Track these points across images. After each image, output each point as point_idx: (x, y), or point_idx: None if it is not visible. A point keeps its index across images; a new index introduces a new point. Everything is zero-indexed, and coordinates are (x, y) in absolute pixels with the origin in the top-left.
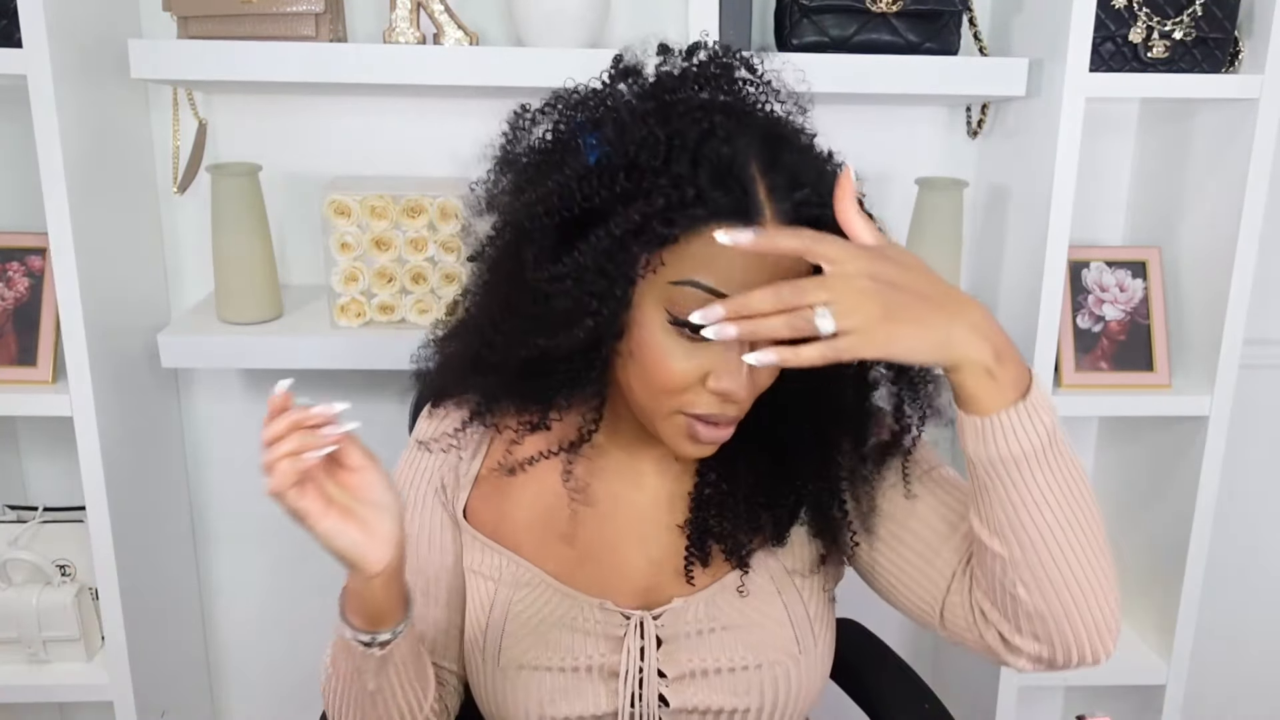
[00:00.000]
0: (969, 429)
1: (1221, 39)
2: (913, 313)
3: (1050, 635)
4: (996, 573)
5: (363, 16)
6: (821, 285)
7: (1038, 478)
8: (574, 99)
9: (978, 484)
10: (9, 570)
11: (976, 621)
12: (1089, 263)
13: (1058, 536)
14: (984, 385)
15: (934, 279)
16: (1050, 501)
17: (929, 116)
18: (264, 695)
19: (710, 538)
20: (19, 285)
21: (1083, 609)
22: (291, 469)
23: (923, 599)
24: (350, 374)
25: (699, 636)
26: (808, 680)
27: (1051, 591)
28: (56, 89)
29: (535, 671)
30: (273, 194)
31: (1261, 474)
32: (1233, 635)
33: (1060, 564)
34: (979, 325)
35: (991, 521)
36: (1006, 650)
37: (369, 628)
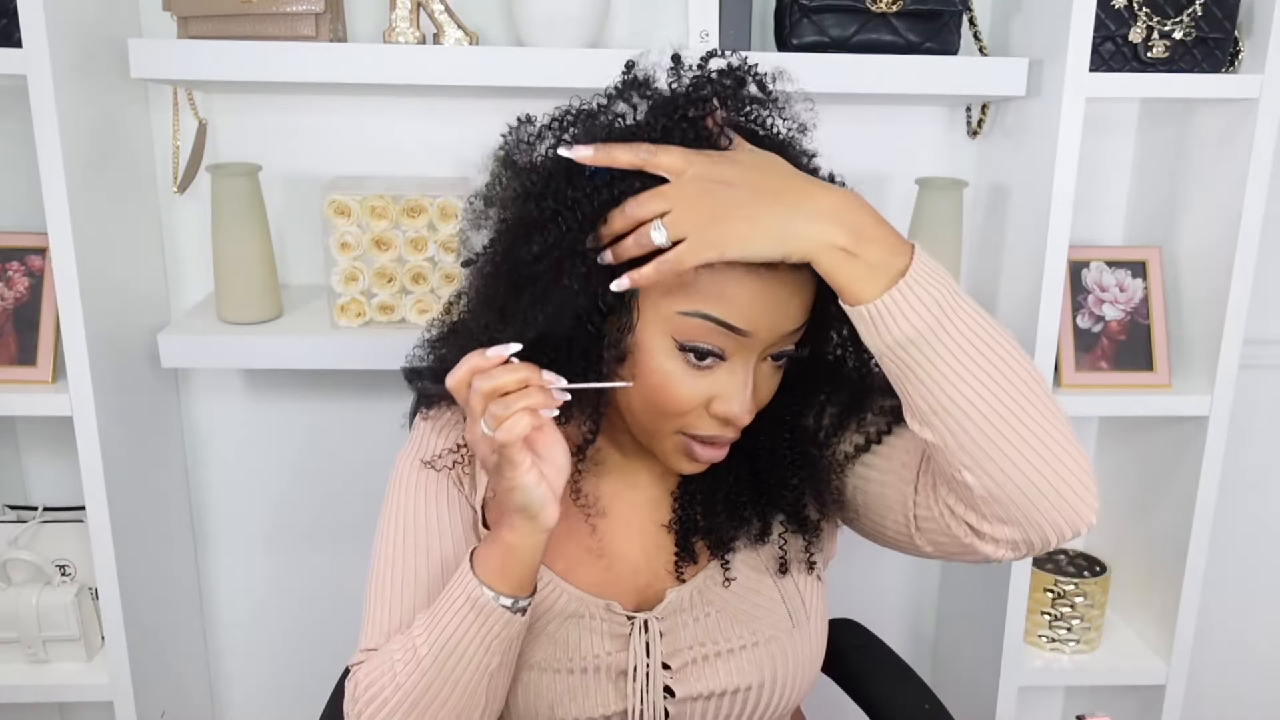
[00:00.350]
0: (857, 322)
1: (1221, 39)
2: (745, 209)
3: (1015, 516)
4: (940, 462)
5: (363, 16)
6: (657, 194)
7: (942, 352)
8: (579, 115)
9: (888, 373)
10: (9, 570)
11: (948, 520)
12: (1089, 263)
13: (984, 410)
14: (847, 269)
15: (779, 173)
16: (964, 374)
17: (929, 116)
18: (264, 695)
19: (695, 534)
20: (19, 285)
21: (1037, 479)
22: (529, 422)
23: (896, 520)
24: (350, 374)
25: (695, 623)
26: (804, 655)
27: (996, 468)
28: (56, 89)
29: (544, 672)
30: (273, 194)
31: (1261, 474)
32: (1233, 635)
33: (996, 436)
34: (826, 210)
35: (916, 410)
36: (981, 541)
37: (515, 592)
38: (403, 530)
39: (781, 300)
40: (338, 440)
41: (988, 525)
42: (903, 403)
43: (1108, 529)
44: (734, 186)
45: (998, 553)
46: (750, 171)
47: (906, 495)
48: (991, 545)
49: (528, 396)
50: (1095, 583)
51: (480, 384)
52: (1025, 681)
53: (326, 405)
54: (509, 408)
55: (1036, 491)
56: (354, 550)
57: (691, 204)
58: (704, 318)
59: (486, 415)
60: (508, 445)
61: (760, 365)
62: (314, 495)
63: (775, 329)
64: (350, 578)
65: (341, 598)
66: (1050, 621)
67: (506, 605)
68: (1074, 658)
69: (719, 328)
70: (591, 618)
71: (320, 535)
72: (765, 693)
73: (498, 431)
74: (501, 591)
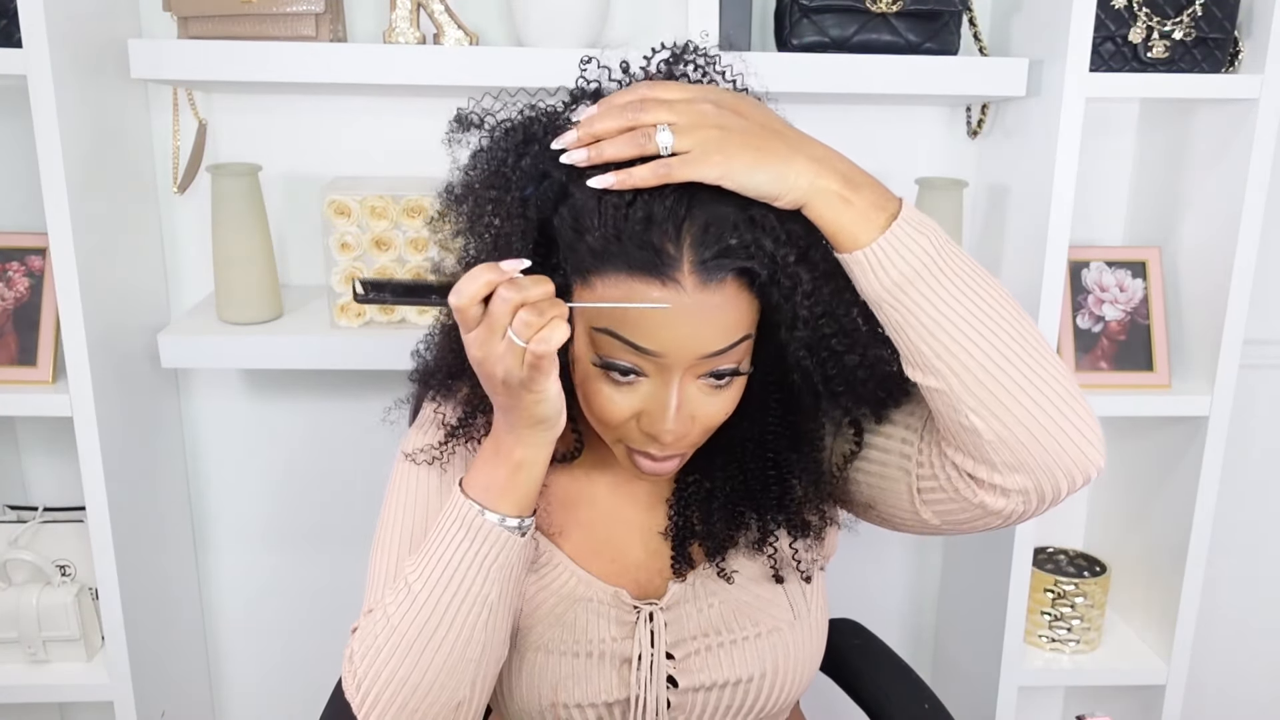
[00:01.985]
0: (854, 268)
1: (1221, 39)
2: (753, 139)
3: (1024, 460)
4: (946, 412)
5: (363, 16)
6: (666, 105)
7: (939, 291)
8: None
9: (888, 324)
10: (9, 570)
11: (955, 481)
12: (1089, 263)
13: (985, 348)
14: (843, 213)
15: (775, 116)
16: (964, 312)
17: (929, 116)
18: (264, 695)
19: (692, 539)
20: (19, 285)
21: (1044, 419)
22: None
23: (900, 497)
24: (350, 374)
25: (699, 614)
26: (806, 647)
27: (1002, 407)
28: (56, 89)
29: (550, 654)
30: (273, 194)
31: (1261, 474)
32: (1233, 635)
33: (1000, 375)
34: (821, 157)
35: (917, 357)
36: (989, 493)
37: (520, 513)
38: (410, 491)
39: (693, 322)
40: (338, 440)
41: (997, 475)
42: (903, 354)
43: (1108, 529)
44: (743, 117)
45: (1008, 505)
46: (754, 108)
47: (908, 469)
48: (1001, 497)
49: (556, 305)
50: (1095, 583)
51: (511, 294)
52: (1025, 681)
53: (326, 405)
54: (544, 314)
55: (1045, 432)
56: (354, 550)
57: (701, 121)
58: (613, 335)
59: (518, 325)
60: (545, 355)
61: (689, 385)
62: (314, 495)
63: (689, 351)
64: (350, 577)
65: (341, 597)
66: (1050, 621)
67: (512, 526)
68: (1074, 658)
69: (628, 347)
70: (600, 603)
71: (320, 535)
72: (766, 684)
73: (533, 342)
74: (502, 511)
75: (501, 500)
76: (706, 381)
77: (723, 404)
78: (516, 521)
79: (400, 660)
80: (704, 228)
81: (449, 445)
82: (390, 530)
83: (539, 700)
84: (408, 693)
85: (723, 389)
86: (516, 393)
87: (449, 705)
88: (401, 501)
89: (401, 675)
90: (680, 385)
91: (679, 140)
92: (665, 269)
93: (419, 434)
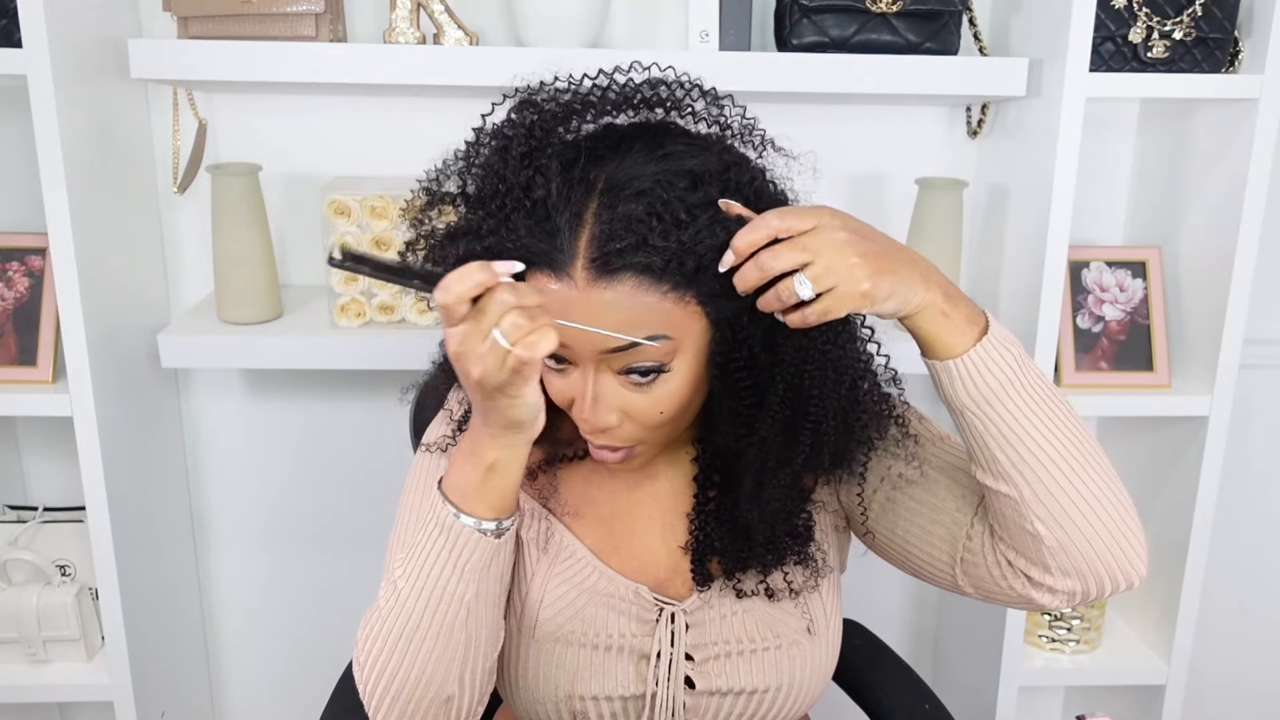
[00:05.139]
0: (943, 376)
1: (1221, 39)
2: (882, 263)
3: (1079, 567)
4: (1011, 516)
5: (363, 16)
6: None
7: (1021, 406)
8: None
9: (968, 430)
10: (9, 570)
11: (1004, 572)
12: (1089, 263)
13: (1058, 461)
14: (943, 326)
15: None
16: (1040, 427)
17: (929, 116)
18: (264, 695)
19: (711, 554)
20: (19, 285)
21: (1103, 532)
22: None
23: (937, 559)
24: (350, 374)
25: (723, 620)
26: (820, 663)
27: (1068, 519)
28: (56, 89)
29: (569, 646)
30: (273, 194)
31: (1261, 474)
32: (1233, 635)
33: (1068, 488)
34: (927, 273)
35: (993, 465)
36: (1038, 591)
37: (496, 515)
38: (424, 481)
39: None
40: (338, 440)
41: (1050, 577)
42: (976, 460)
43: None
44: (869, 240)
45: (1053, 602)
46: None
47: (956, 539)
48: (1049, 596)
49: (548, 313)
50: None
51: (508, 298)
52: (1025, 681)
53: (326, 405)
54: (535, 319)
55: (1101, 543)
56: (354, 549)
57: (837, 254)
58: None
59: (508, 326)
60: (529, 362)
61: (606, 379)
62: (314, 495)
63: (586, 344)
64: (351, 577)
65: (341, 597)
66: (1050, 621)
67: (488, 530)
68: (1074, 658)
69: None
70: (621, 599)
71: (320, 535)
72: (780, 696)
73: (520, 346)
74: (477, 514)
75: (476, 503)
76: (628, 377)
77: (653, 402)
78: (493, 524)
79: (390, 655)
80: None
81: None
82: (404, 519)
83: (555, 691)
84: (399, 686)
85: (648, 385)
86: (492, 394)
87: (438, 700)
88: (417, 490)
89: (392, 669)
90: (595, 378)
91: (819, 281)
92: (558, 263)
93: (440, 425)
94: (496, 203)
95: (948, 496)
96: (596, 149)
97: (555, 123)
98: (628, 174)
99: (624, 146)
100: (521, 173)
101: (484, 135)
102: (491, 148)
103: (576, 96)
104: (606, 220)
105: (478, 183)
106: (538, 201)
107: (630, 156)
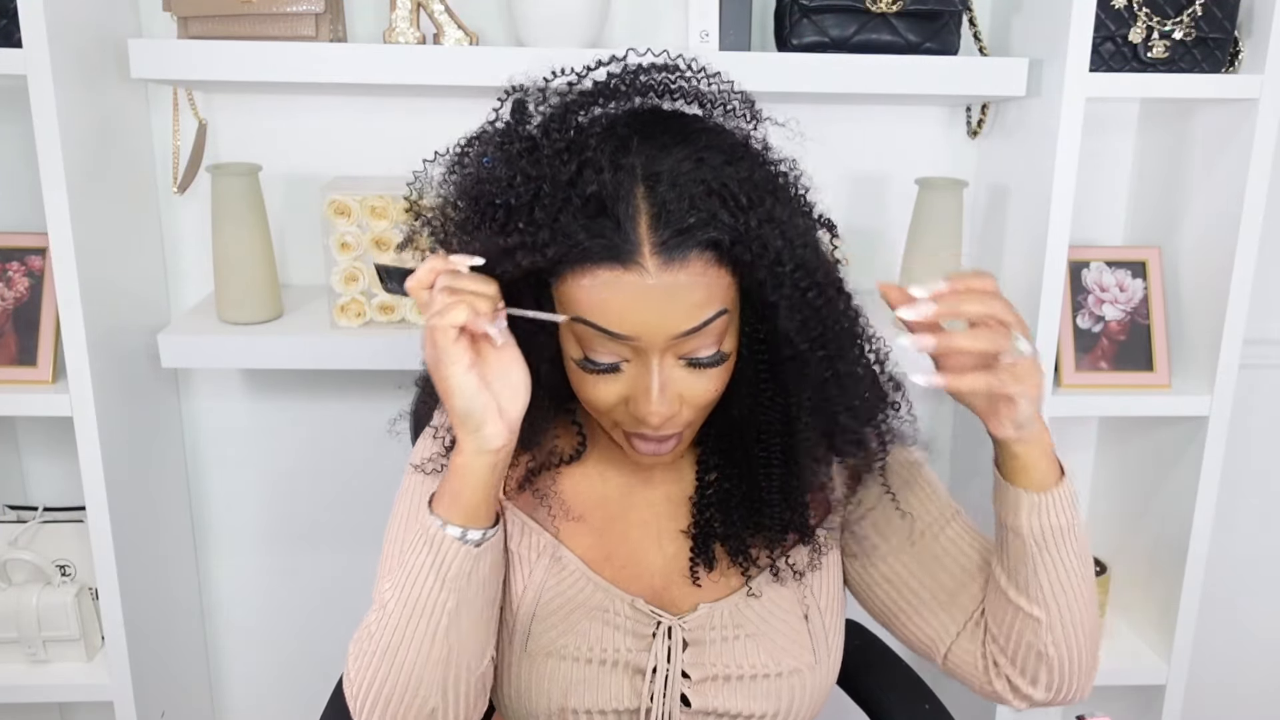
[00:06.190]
0: (1025, 503)
1: (1221, 39)
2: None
3: (1061, 682)
4: (1027, 635)
5: (363, 16)
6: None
7: (1074, 546)
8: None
9: (1023, 554)
10: (9, 570)
11: (988, 670)
12: (1089, 263)
13: (1081, 599)
14: (1043, 462)
15: None
16: (1079, 568)
17: (929, 116)
18: (264, 695)
19: (714, 539)
20: (19, 285)
21: (1086, 656)
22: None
23: (929, 636)
24: (350, 374)
25: (724, 643)
26: (820, 689)
27: (1074, 646)
28: (56, 89)
29: (562, 660)
30: (273, 194)
31: (1261, 474)
32: (1233, 635)
33: (1080, 622)
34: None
35: (1031, 589)
36: (1014, 696)
37: (466, 523)
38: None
39: (661, 304)
40: (338, 440)
41: (1032, 688)
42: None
43: (1108, 529)
44: None
45: (1019, 706)
46: None
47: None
48: (1022, 701)
49: (476, 296)
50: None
51: (444, 280)
52: None
53: (326, 405)
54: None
55: (1081, 663)
56: (354, 549)
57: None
58: (587, 324)
59: (435, 302)
60: (439, 330)
61: (670, 365)
62: (314, 495)
63: (661, 332)
64: (350, 577)
65: (341, 597)
66: None
67: (455, 536)
68: None
69: (603, 334)
70: (616, 613)
71: (320, 535)
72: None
73: (432, 316)
74: (452, 521)
75: (450, 510)
76: (687, 365)
77: (711, 383)
78: (459, 531)
79: (376, 667)
80: (660, 207)
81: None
82: (389, 546)
83: (549, 704)
84: (385, 698)
85: (708, 367)
86: (434, 375)
87: (423, 712)
88: (404, 512)
89: (379, 681)
90: (661, 366)
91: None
92: (625, 254)
93: (426, 443)
94: (540, 206)
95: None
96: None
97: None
98: (665, 157)
99: (648, 131)
100: (564, 169)
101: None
102: (513, 151)
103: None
104: (662, 203)
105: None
106: (590, 197)
107: (658, 139)
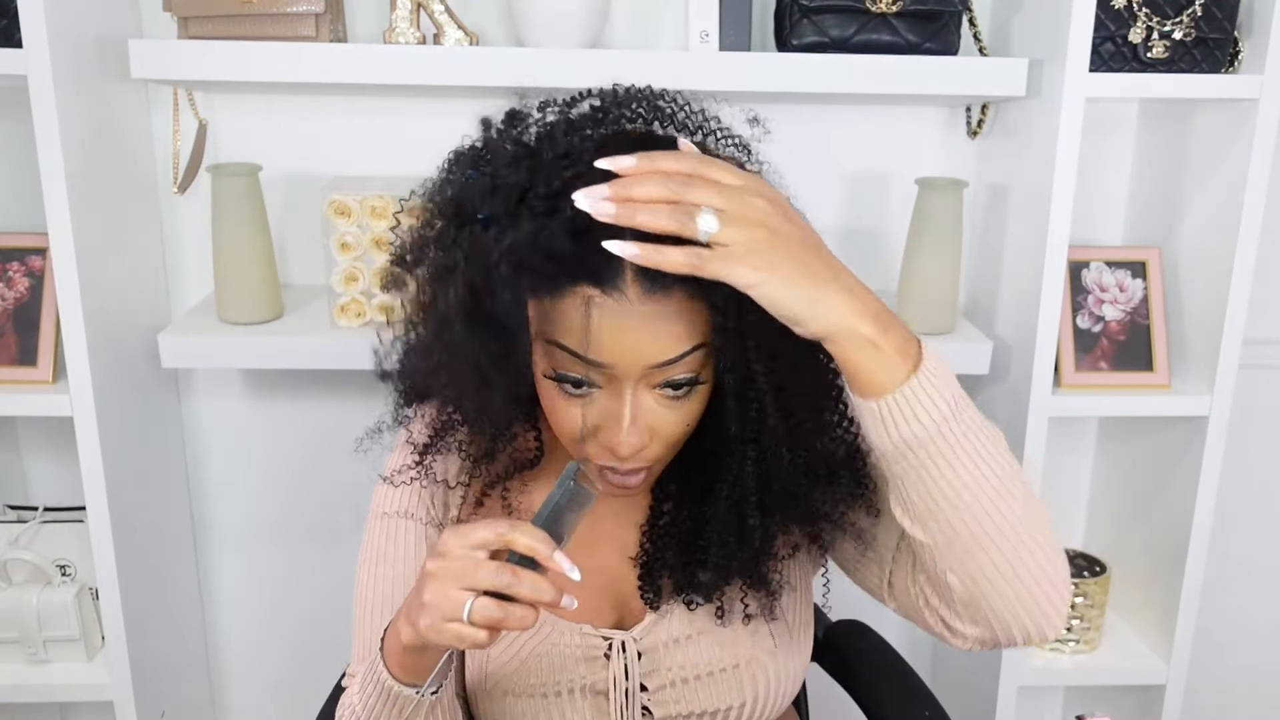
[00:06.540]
0: (866, 416)
1: (1221, 39)
2: (797, 252)
3: (988, 620)
4: (927, 561)
5: (363, 16)
6: (716, 188)
7: (948, 456)
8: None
9: (889, 472)
10: (9, 570)
11: (920, 603)
12: (1089, 263)
13: (981, 519)
14: (869, 358)
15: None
16: (966, 480)
17: (929, 116)
18: (264, 695)
19: (664, 569)
20: (19, 285)
21: (1019, 591)
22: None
23: (870, 577)
24: (350, 374)
25: (676, 645)
26: (788, 671)
27: (983, 578)
28: (56, 89)
29: (519, 698)
30: (273, 194)
31: (1261, 474)
32: (1233, 635)
33: (989, 547)
34: (856, 291)
35: (912, 509)
36: (949, 633)
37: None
38: (380, 558)
39: (639, 330)
40: (338, 440)
41: (959, 623)
42: (896, 498)
43: (1108, 529)
44: (791, 223)
45: (962, 645)
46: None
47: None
48: (959, 640)
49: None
50: (1095, 583)
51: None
52: (1025, 681)
53: (326, 405)
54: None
55: (1017, 602)
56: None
57: (750, 215)
58: (561, 348)
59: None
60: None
61: (643, 396)
62: (314, 495)
63: (638, 361)
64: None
65: (341, 597)
66: None
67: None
68: (1074, 658)
69: (577, 359)
70: (567, 645)
71: (320, 535)
72: (747, 711)
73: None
74: (404, 681)
75: (400, 670)
76: (663, 392)
77: (682, 416)
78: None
79: None
80: (648, 233)
81: (425, 462)
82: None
83: None
84: None
85: (681, 400)
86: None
87: None
88: (371, 562)
89: None
90: (634, 396)
91: (723, 231)
92: (606, 277)
93: (399, 455)
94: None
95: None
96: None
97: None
98: None
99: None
100: (555, 180)
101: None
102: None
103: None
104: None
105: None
106: (578, 212)
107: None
